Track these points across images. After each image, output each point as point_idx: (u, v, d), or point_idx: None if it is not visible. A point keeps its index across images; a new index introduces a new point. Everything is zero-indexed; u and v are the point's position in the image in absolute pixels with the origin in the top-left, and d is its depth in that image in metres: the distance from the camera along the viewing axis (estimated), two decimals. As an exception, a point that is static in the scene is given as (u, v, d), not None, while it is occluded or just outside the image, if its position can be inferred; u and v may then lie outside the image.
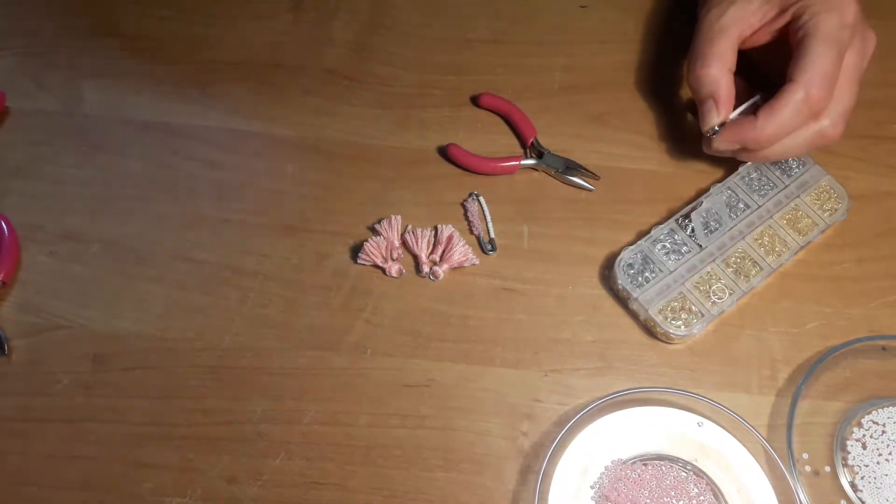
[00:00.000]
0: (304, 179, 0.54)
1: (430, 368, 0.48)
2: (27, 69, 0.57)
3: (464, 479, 0.45)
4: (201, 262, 0.51)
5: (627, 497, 0.44)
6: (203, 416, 0.46)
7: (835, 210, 0.52)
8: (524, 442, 0.46)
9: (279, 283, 0.50)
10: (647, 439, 0.46)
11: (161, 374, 0.47)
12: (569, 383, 0.48)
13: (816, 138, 0.48)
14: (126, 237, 0.51)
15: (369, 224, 0.52)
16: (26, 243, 0.51)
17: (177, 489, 0.44)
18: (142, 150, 0.54)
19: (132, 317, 0.49)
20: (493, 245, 0.51)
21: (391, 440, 0.46)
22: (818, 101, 0.46)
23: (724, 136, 0.49)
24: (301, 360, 0.48)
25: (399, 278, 0.50)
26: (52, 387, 0.47)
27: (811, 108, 0.46)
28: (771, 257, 0.50)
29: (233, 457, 0.45)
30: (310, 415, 0.46)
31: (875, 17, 0.61)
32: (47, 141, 0.54)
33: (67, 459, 0.45)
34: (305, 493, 0.45)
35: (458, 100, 0.56)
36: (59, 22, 0.59)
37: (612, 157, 0.55)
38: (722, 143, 0.49)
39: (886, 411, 0.47)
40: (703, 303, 0.48)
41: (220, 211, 0.52)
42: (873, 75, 0.53)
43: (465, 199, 0.53)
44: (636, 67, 0.58)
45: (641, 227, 0.52)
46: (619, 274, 0.49)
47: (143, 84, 0.57)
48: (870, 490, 0.45)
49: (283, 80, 0.57)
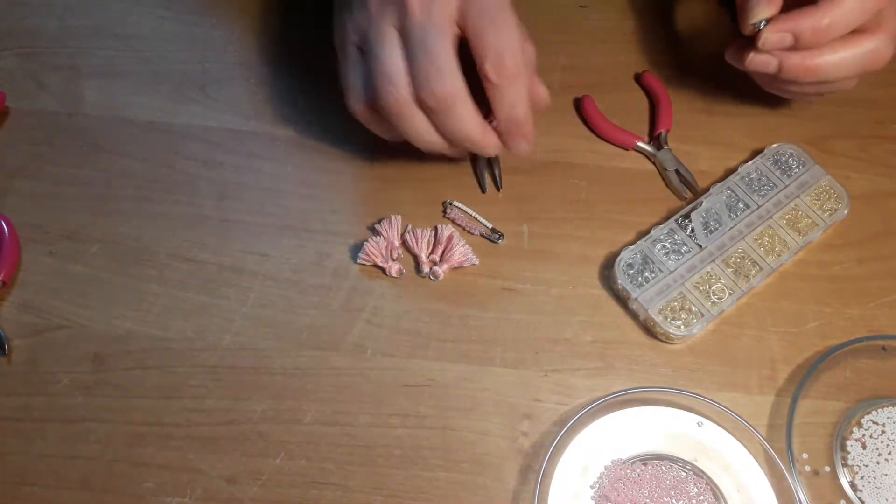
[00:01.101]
0: (304, 179, 0.54)
1: (430, 368, 0.48)
2: (27, 69, 0.57)
3: (464, 479, 0.45)
4: (201, 262, 0.51)
5: (627, 497, 0.44)
6: (203, 416, 0.46)
7: (835, 210, 0.52)
8: (524, 442, 0.46)
9: (279, 283, 0.50)
10: (647, 439, 0.46)
11: (161, 374, 0.47)
12: (569, 383, 0.48)
13: (869, 56, 0.44)
14: (126, 237, 0.51)
15: (369, 224, 0.52)
16: (26, 243, 0.51)
17: (177, 489, 0.44)
18: (142, 150, 0.54)
19: (132, 317, 0.49)
20: (498, 233, 0.51)
21: (391, 440, 0.46)
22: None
23: (777, 25, 0.43)
24: (301, 360, 0.48)
25: (399, 278, 0.50)
26: (52, 387, 0.47)
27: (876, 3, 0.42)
28: (771, 257, 0.50)
29: (233, 457, 0.45)
30: (310, 415, 0.46)
31: (875, 17, 0.61)
32: (47, 141, 0.54)
33: (67, 459, 0.45)
34: (305, 493, 0.45)
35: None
36: (59, 22, 0.59)
37: (612, 157, 0.55)
38: (773, 34, 0.43)
39: (886, 411, 0.47)
40: (702, 303, 0.48)
41: (220, 211, 0.52)
42: (874, 75, 0.53)
43: (444, 213, 0.52)
44: (636, 67, 0.58)
45: (641, 227, 0.52)
46: (618, 274, 0.49)
47: (143, 84, 0.57)
48: (869, 490, 0.45)
49: (283, 80, 0.57)
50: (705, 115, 0.57)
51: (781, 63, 0.44)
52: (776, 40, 0.44)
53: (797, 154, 0.54)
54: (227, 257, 0.51)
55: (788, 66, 0.44)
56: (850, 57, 0.44)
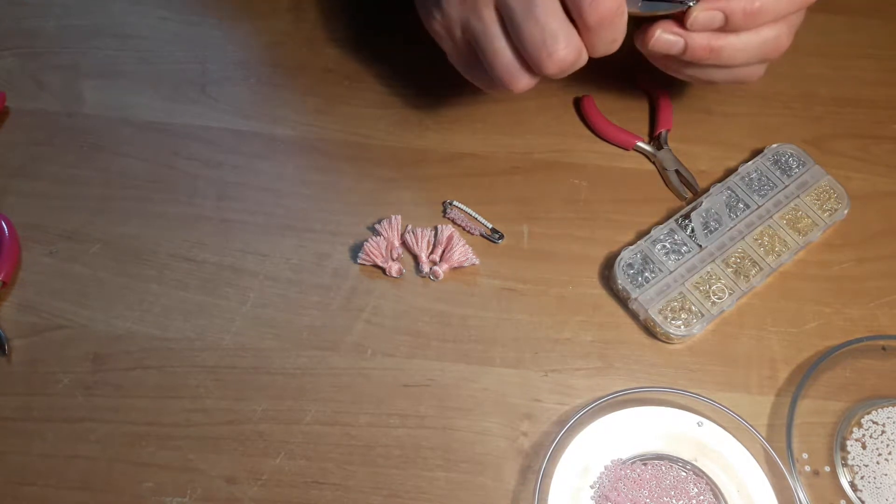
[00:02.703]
0: (304, 179, 0.54)
1: (430, 368, 0.48)
2: (27, 69, 0.57)
3: (464, 478, 0.45)
4: (201, 262, 0.51)
5: (627, 497, 0.44)
6: (203, 416, 0.46)
7: (835, 210, 0.52)
8: (524, 442, 0.46)
9: (279, 283, 0.50)
10: (647, 439, 0.46)
11: (161, 374, 0.47)
12: (569, 383, 0.48)
13: (772, 43, 0.44)
14: (126, 237, 0.51)
15: (369, 224, 0.52)
16: (26, 243, 0.51)
17: (177, 489, 0.44)
18: (142, 150, 0.54)
19: (132, 317, 0.49)
20: (498, 233, 0.51)
21: (391, 440, 0.46)
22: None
23: (709, 3, 0.42)
24: (301, 360, 0.48)
25: (399, 278, 0.50)
26: (52, 387, 0.47)
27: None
28: (771, 257, 0.50)
29: (233, 457, 0.45)
30: (310, 415, 0.46)
31: (875, 17, 0.61)
32: (47, 141, 0.54)
33: (67, 459, 0.45)
34: (305, 492, 0.45)
35: (455, 100, 0.56)
36: (59, 22, 0.59)
37: (612, 157, 0.55)
38: (703, 12, 0.42)
39: (886, 411, 0.47)
40: (702, 303, 0.48)
41: (220, 211, 0.52)
42: (874, 75, 0.53)
43: (444, 213, 0.52)
44: (636, 67, 0.58)
45: (641, 227, 0.52)
46: (618, 274, 0.49)
47: (143, 84, 0.57)
48: (869, 490, 0.45)
49: (283, 80, 0.57)
50: (705, 115, 0.57)
51: (687, 44, 0.44)
52: (705, 19, 0.43)
53: (797, 154, 0.54)
54: (227, 257, 0.51)
55: (693, 47, 0.44)
56: (753, 42, 0.44)
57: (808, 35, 0.50)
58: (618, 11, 0.40)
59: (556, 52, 0.41)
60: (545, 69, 0.42)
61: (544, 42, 0.40)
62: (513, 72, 0.43)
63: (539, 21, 0.40)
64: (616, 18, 0.40)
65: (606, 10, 0.39)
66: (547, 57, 0.41)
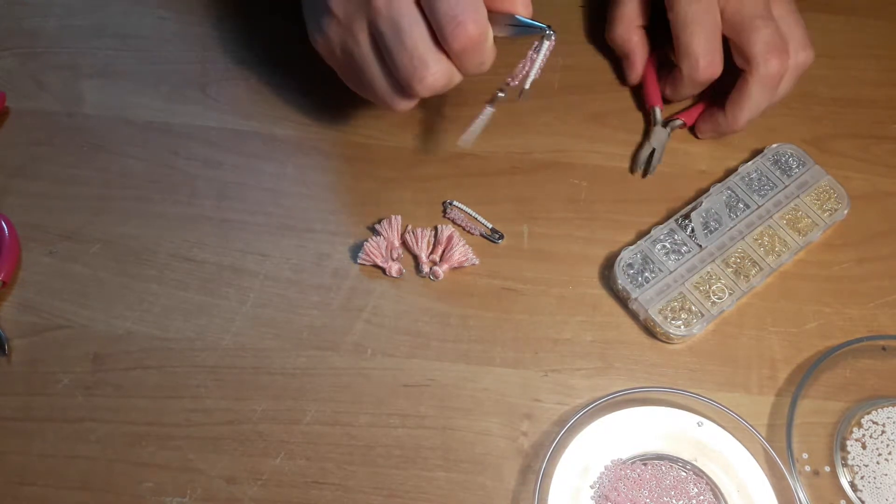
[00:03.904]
0: (304, 179, 0.54)
1: (430, 368, 0.48)
2: (27, 69, 0.57)
3: (464, 478, 0.45)
4: (201, 262, 0.51)
5: (627, 497, 0.44)
6: (203, 416, 0.46)
7: (835, 210, 0.52)
8: (524, 442, 0.46)
9: (279, 283, 0.50)
10: (647, 439, 0.46)
11: (161, 374, 0.47)
12: (569, 383, 0.48)
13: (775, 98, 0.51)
14: (126, 237, 0.51)
15: (369, 224, 0.52)
16: (26, 243, 0.51)
17: (177, 489, 0.44)
18: (142, 150, 0.54)
19: (132, 317, 0.49)
20: (498, 233, 0.51)
21: (391, 440, 0.46)
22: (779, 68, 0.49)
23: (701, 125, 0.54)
24: (301, 360, 0.48)
25: (399, 278, 0.50)
26: (52, 387, 0.47)
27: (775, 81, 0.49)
28: (771, 257, 0.50)
29: (233, 457, 0.45)
30: (310, 415, 0.46)
31: (875, 17, 0.61)
32: (47, 141, 0.54)
33: (67, 459, 0.45)
34: (305, 492, 0.45)
35: (457, 99, 0.56)
36: (60, 22, 0.59)
37: (613, 157, 0.55)
38: (705, 132, 0.54)
39: (886, 411, 0.47)
40: (702, 303, 0.48)
41: (220, 211, 0.52)
42: (874, 75, 0.53)
43: (444, 213, 0.52)
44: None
45: (641, 227, 0.52)
46: (618, 274, 0.49)
47: (143, 84, 0.57)
48: (869, 490, 0.45)
49: (283, 80, 0.57)
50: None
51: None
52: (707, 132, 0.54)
53: (797, 154, 0.54)
54: (227, 257, 0.51)
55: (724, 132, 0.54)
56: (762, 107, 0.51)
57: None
58: (480, 38, 0.40)
59: (426, 77, 0.41)
60: (418, 93, 0.43)
61: (415, 68, 0.41)
62: (391, 94, 0.44)
63: (407, 48, 0.41)
64: (480, 45, 0.41)
65: (468, 38, 0.40)
66: (418, 82, 0.42)
